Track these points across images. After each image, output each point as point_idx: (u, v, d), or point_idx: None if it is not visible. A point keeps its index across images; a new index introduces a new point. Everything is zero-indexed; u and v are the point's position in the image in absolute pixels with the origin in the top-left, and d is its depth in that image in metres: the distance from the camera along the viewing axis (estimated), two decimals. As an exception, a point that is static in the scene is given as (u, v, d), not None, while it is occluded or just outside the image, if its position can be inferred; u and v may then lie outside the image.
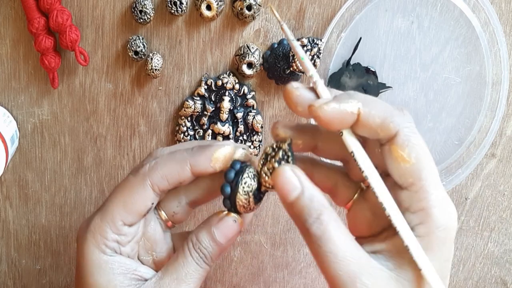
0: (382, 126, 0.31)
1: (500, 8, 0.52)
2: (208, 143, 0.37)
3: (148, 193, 0.36)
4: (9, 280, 0.58)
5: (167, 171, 0.36)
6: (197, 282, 0.37)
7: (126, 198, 0.36)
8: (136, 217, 0.36)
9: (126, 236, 0.36)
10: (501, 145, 0.56)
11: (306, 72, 0.35)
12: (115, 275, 0.36)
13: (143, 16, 0.49)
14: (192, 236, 0.37)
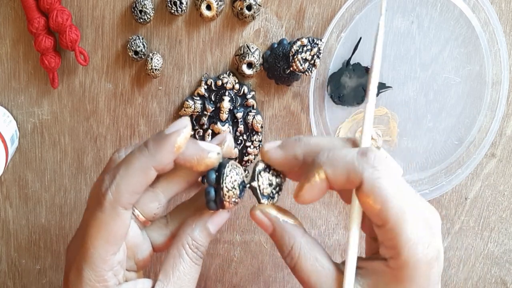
0: (349, 181, 0.33)
1: (500, 8, 0.52)
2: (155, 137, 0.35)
3: (124, 217, 0.35)
4: (9, 280, 0.58)
5: (132, 186, 0.34)
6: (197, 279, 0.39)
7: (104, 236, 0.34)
8: (121, 241, 0.36)
9: (119, 262, 0.36)
10: (501, 145, 0.56)
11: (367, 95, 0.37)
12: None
13: (143, 16, 0.49)
14: (186, 238, 0.38)
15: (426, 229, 0.32)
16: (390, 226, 0.32)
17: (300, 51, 0.48)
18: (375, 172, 0.32)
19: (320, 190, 0.34)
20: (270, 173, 0.37)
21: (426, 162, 0.55)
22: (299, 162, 0.35)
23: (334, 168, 0.33)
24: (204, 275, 0.59)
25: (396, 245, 0.32)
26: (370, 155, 0.33)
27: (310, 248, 0.36)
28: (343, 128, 0.54)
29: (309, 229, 0.58)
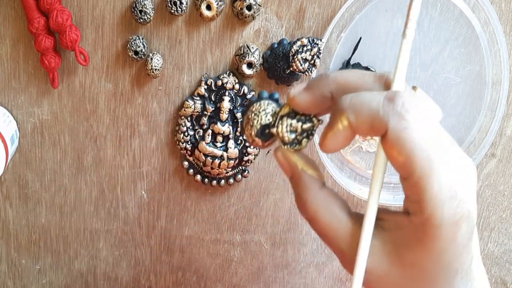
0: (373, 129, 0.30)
1: (500, 8, 0.52)
2: None
3: None
4: (9, 280, 0.58)
5: None
6: None
7: None
8: None
9: None
10: (501, 145, 0.56)
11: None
12: None
13: (143, 16, 0.49)
14: None
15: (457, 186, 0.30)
16: (415, 180, 0.30)
17: (300, 51, 0.48)
18: (402, 122, 0.29)
19: (345, 138, 0.31)
20: (295, 119, 0.34)
21: (426, 162, 0.55)
22: (328, 101, 0.32)
23: (357, 115, 0.30)
24: (204, 275, 0.59)
25: (420, 200, 0.30)
26: (398, 101, 0.30)
27: (327, 201, 0.33)
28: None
29: (309, 229, 0.58)
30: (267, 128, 0.35)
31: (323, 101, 0.33)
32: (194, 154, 0.53)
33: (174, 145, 0.54)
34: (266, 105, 0.35)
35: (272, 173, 0.56)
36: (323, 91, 0.33)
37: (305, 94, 0.33)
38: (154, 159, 0.55)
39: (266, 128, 0.35)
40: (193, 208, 0.57)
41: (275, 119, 0.34)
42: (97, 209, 0.57)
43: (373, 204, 0.32)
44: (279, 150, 0.35)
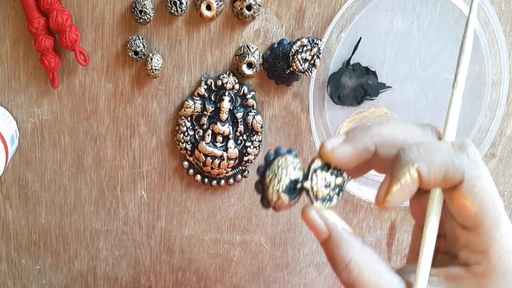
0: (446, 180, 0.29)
1: (500, 8, 0.52)
2: None
3: None
4: (9, 280, 0.58)
5: None
6: None
7: None
8: None
9: None
10: (501, 145, 0.56)
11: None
12: None
13: (143, 16, 0.49)
14: None
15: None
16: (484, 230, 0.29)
17: (300, 51, 0.48)
18: (477, 170, 0.28)
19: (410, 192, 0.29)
20: (328, 172, 0.32)
21: (426, 162, 0.55)
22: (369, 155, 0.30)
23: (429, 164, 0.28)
24: (204, 275, 0.59)
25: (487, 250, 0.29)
26: (470, 150, 0.29)
27: (372, 261, 0.31)
28: (343, 128, 0.54)
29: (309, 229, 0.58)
30: (296, 183, 0.32)
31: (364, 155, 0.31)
32: (194, 154, 0.53)
33: (174, 145, 0.54)
34: (292, 159, 0.32)
35: (272, 173, 0.56)
36: (367, 144, 0.31)
37: (346, 147, 0.31)
38: (154, 159, 0.55)
39: (295, 183, 0.32)
40: (193, 208, 0.57)
41: (308, 172, 0.31)
42: (97, 209, 0.57)
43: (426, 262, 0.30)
44: (311, 208, 0.32)
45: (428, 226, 0.30)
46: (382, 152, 0.30)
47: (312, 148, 0.55)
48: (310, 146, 0.55)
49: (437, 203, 0.30)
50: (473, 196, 0.28)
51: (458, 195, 0.29)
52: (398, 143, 0.30)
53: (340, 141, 0.31)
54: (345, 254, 0.31)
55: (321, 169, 0.32)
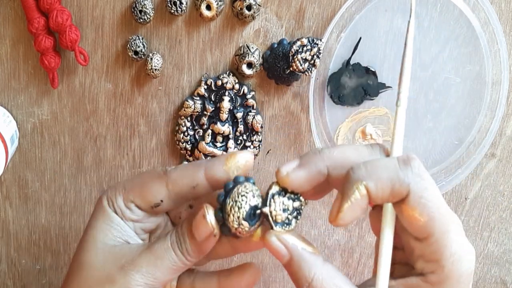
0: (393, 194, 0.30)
1: (500, 8, 0.52)
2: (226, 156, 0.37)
3: (162, 188, 0.37)
4: (9, 280, 0.58)
5: (183, 172, 0.37)
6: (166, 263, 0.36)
7: (144, 182, 0.38)
8: (144, 204, 0.37)
9: (132, 213, 0.38)
10: (501, 145, 0.56)
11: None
12: (111, 226, 0.37)
13: (143, 16, 0.49)
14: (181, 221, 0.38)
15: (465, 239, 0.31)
16: (435, 239, 0.30)
17: (300, 51, 0.48)
18: (422, 182, 0.30)
19: (360, 208, 0.31)
20: (286, 197, 0.33)
21: (426, 162, 0.55)
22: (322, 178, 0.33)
23: (376, 181, 0.30)
24: (204, 275, 0.59)
25: (440, 258, 0.30)
26: (414, 163, 0.30)
27: (333, 277, 0.32)
28: (343, 128, 0.54)
29: (309, 229, 0.58)
30: (256, 209, 0.33)
31: (318, 178, 0.33)
32: (194, 154, 0.53)
33: (174, 145, 0.54)
34: (251, 186, 0.34)
35: (272, 173, 0.56)
36: (320, 168, 0.32)
37: (300, 172, 0.33)
38: (154, 159, 0.55)
39: (255, 209, 0.33)
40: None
41: (266, 198, 0.33)
42: (97, 209, 0.57)
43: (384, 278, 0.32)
44: (271, 234, 0.33)
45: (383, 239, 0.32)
46: (335, 173, 0.32)
47: (312, 148, 0.55)
48: (310, 146, 0.55)
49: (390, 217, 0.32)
50: (421, 207, 0.30)
51: (407, 208, 0.30)
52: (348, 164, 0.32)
53: (294, 166, 0.33)
54: (307, 273, 0.32)
55: (278, 194, 0.33)
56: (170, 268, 0.36)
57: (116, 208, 0.38)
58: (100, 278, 0.36)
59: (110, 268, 0.36)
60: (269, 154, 0.55)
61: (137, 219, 0.38)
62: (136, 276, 0.35)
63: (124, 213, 0.38)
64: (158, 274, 0.35)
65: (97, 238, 0.37)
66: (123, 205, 0.38)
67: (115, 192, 0.38)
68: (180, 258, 0.36)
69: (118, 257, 0.36)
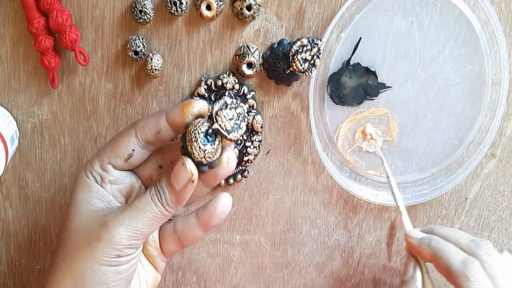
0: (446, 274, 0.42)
1: (500, 8, 0.52)
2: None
3: (131, 138, 0.41)
4: (9, 280, 0.58)
5: (148, 119, 0.41)
6: (149, 216, 0.39)
7: (116, 140, 0.41)
8: (119, 160, 0.41)
9: (109, 174, 0.42)
10: (501, 145, 0.56)
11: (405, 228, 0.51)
12: (91, 194, 0.41)
13: (143, 16, 0.49)
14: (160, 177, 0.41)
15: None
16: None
17: (300, 51, 0.48)
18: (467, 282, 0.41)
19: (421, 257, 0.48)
20: (227, 109, 0.38)
21: (426, 162, 0.55)
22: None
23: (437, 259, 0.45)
24: (204, 275, 0.59)
25: None
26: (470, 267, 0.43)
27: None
28: (343, 128, 0.54)
29: (309, 229, 0.58)
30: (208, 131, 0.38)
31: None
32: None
33: (174, 145, 0.54)
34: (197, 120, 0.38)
35: (272, 173, 0.56)
36: None
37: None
38: (154, 159, 0.55)
39: (207, 133, 0.37)
40: (193, 208, 0.57)
41: (211, 117, 0.37)
42: (97, 209, 0.57)
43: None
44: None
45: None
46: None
47: (312, 148, 0.55)
48: (310, 146, 0.55)
49: None
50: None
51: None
52: None
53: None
54: None
55: (220, 109, 0.38)
56: (151, 219, 0.39)
57: (95, 176, 0.41)
58: (86, 238, 0.39)
59: (94, 228, 0.39)
60: (269, 154, 0.55)
61: (114, 179, 0.42)
62: (120, 230, 0.38)
63: (103, 176, 0.42)
64: (140, 225, 0.38)
65: (80, 207, 0.40)
66: (100, 169, 0.41)
67: (91, 162, 0.42)
68: (160, 209, 0.39)
69: (101, 216, 0.39)
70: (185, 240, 0.44)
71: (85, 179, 0.41)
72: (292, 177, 0.56)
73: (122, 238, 0.38)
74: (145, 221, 0.39)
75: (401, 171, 0.55)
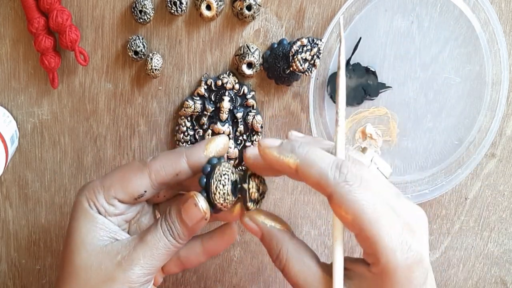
0: (318, 186, 0.34)
1: (500, 8, 0.52)
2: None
3: (145, 179, 0.39)
4: (9, 280, 0.58)
5: (164, 161, 0.39)
6: (161, 251, 0.38)
7: (125, 176, 0.39)
8: (128, 197, 0.39)
9: (115, 208, 0.40)
10: (501, 145, 0.56)
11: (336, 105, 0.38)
12: (97, 227, 0.39)
13: (143, 16, 0.49)
14: (167, 209, 0.40)
15: (405, 234, 0.32)
16: (365, 235, 0.32)
17: (300, 51, 0.48)
18: (346, 187, 0.33)
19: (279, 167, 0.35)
20: (258, 179, 0.38)
21: (426, 162, 0.55)
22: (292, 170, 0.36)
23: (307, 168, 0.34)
24: (204, 275, 0.59)
25: (374, 253, 0.33)
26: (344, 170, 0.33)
27: (297, 251, 0.37)
28: (343, 128, 0.54)
29: (309, 229, 0.58)
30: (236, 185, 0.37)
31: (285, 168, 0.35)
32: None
33: (174, 145, 0.54)
34: (227, 165, 0.38)
35: (272, 173, 0.56)
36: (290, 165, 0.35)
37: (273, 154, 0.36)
38: (154, 159, 0.55)
39: (235, 185, 0.38)
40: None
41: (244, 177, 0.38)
42: (97, 209, 0.57)
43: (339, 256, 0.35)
44: (245, 216, 0.39)
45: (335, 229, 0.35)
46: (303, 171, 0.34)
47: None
48: (310, 146, 0.55)
49: None
50: (345, 207, 0.33)
51: (333, 205, 0.34)
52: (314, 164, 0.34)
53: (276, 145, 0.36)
54: (275, 247, 0.37)
55: (253, 175, 0.38)
56: (165, 254, 0.38)
57: (99, 208, 0.39)
58: (99, 279, 0.37)
59: (107, 267, 0.37)
60: (269, 154, 0.55)
61: (120, 213, 0.40)
62: (136, 269, 0.37)
63: (108, 210, 0.39)
64: (154, 262, 0.38)
65: (86, 241, 0.38)
66: (105, 203, 0.39)
67: (94, 192, 0.39)
68: (173, 243, 0.38)
69: (112, 255, 0.38)
70: (188, 264, 0.43)
71: (87, 210, 0.39)
72: (292, 177, 0.56)
73: (138, 277, 0.37)
74: (159, 257, 0.38)
75: (401, 171, 0.55)
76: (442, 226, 0.58)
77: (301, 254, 0.37)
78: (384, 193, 0.33)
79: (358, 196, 0.32)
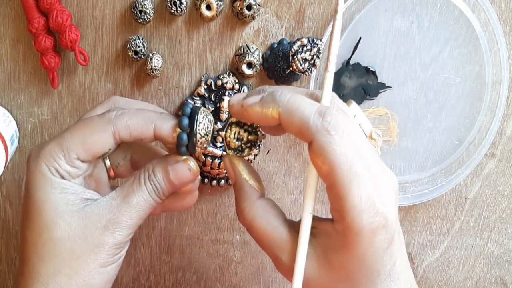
0: (300, 133, 0.33)
1: (500, 8, 0.52)
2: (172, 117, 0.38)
3: (109, 138, 0.37)
4: (9, 280, 0.58)
5: (132, 123, 0.37)
6: (146, 211, 0.38)
7: (87, 135, 0.37)
8: (90, 157, 0.38)
9: (78, 170, 0.38)
10: (501, 145, 0.56)
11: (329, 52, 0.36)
12: (66, 193, 0.37)
13: (143, 16, 0.49)
14: (148, 167, 0.38)
15: (375, 197, 0.32)
16: (337, 190, 0.32)
17: (300, 51, 0.48)
18: (328, 136, 0.32)
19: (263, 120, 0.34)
20: (243, 128, 0.38)
21: (426, 162, 0.55)
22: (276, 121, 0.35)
23: (289, 115, 0.33)
24: (204, 275, 0.59)
25: (341, 209, 0.32)
26: (327, 118, 0.32)
27: (263, 211, 0.36)
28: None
29: (309, 229, 0.58)
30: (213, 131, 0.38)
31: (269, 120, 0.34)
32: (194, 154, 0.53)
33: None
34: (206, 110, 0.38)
35: (272, 173, 0.56)
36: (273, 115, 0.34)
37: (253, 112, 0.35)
38: (154, 159, 0.55)
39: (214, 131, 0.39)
40: (193, 208, 0.57)
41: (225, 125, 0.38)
42: (97, 209, 0.57)
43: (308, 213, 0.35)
44: (227, 156, 0.38)
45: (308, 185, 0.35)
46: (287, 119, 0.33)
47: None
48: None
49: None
50: (323, 157, 0.32)
51: (311, 153, 0.32)
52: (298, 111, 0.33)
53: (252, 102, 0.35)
54: (241, 202, 0.37)
55: (236, 124, 0.38)
56: (148, 212, 0.38)
57: (62, 173, 0.37)
58: (85, 246, 0.36)
59: (92, 233, 0.36)
60: (269, 154, 0.55)
61: (83, 173, 0.39)
62: (124, 231, 0.37)
63: (71, 173, 0.37)
64: (139, 221, 0.38)
65: (60, 210, 0.36)
66: (68, 167, 0.37)
67: (53, 157, 0.37)
68: (157, 201, 0.38)
69: (94, 219, 0.37)
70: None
71: (51, 178, 0.37)
72: (292, 177, 0.56)
73: (125, 237, 0.37)
74: (144, 216, 0.38)
75: (401, 171, 0.55)
76: (442, 226, 0.58)
77: (268, 213, 0.36)
78: (363, 151, 0.32)
79: (337, 149, 0.31)
